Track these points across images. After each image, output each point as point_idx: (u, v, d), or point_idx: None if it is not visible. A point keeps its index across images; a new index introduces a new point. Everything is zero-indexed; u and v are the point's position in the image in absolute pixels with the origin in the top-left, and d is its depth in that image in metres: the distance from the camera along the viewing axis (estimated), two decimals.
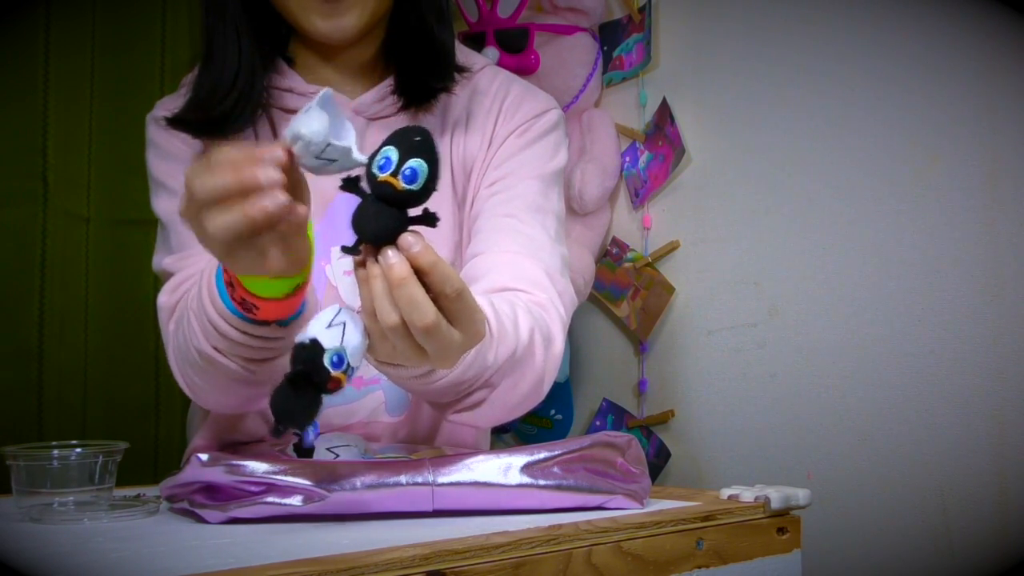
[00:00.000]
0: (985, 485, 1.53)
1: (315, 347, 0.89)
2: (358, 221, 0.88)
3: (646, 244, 1.88)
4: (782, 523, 1.13)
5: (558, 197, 1.38)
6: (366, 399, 1.33)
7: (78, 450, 1.12)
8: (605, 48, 1.92)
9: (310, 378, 0.89)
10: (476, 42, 1.89)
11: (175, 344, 1.21)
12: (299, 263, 0.99)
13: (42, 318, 1.86)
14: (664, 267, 1.86)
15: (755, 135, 1.77)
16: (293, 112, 0.98)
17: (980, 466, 1.54)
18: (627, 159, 1.90)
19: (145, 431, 1.92)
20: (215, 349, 1.12)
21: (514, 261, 1.28)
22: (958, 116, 1.57)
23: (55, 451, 1.11)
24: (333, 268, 1.31)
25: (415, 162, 0.86)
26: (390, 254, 0.89)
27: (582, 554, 0.96)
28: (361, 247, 0.89)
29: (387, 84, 1.35)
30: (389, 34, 1.37)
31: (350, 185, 0.88)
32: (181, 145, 1.33)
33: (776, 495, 1.12)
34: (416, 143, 0.87)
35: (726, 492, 1.15)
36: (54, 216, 1.86)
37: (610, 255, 1.91)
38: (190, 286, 1.18)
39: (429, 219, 0.88)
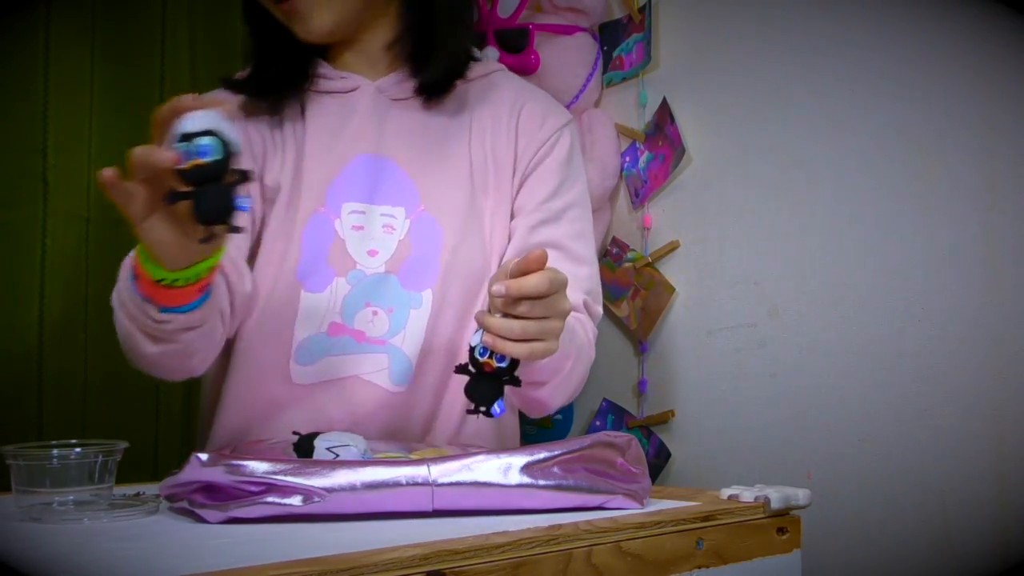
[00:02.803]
0: (985, 485, 1.53)
1: (471, 349, 1.17)
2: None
3: (646, 244, 1.88)
4: (782, 523, 1.13)
5: (586, 193, 1.52)
6: (367, 356, 1.38)
7: (78, 450, 1.12)
8: (605, 48, 1.92)
9: (476, 368, 1.16)
10: (476, 42, 1.89)
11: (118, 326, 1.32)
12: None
13: (42, 318, 1.86)
14: (664, 267, 1.86)
15: (755, 135, 1.77)
16: (326, 93, 1.41)
17: (980, 466, 1.54)
18: (627, 159, 1.90)
19: (145, 431, 1.92)
20: (137, 327, 1.25)
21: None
22: (958, 116, 1.57)
23: (55, 451, 1.11)
24: (342, 223, 1.40)
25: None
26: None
27: (582, 554, 0.96)
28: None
29: (406, 71, 1.45)
30: (402, 23, 1.45)
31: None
32: None
33: (776, 495, 1.12)
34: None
35: (726, 492, 1.15)
36: (54, 216, 1.86)
37: (610, 255, 1.91)
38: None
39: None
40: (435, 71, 1.43)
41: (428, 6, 1.43)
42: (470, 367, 1.16)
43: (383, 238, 1.41)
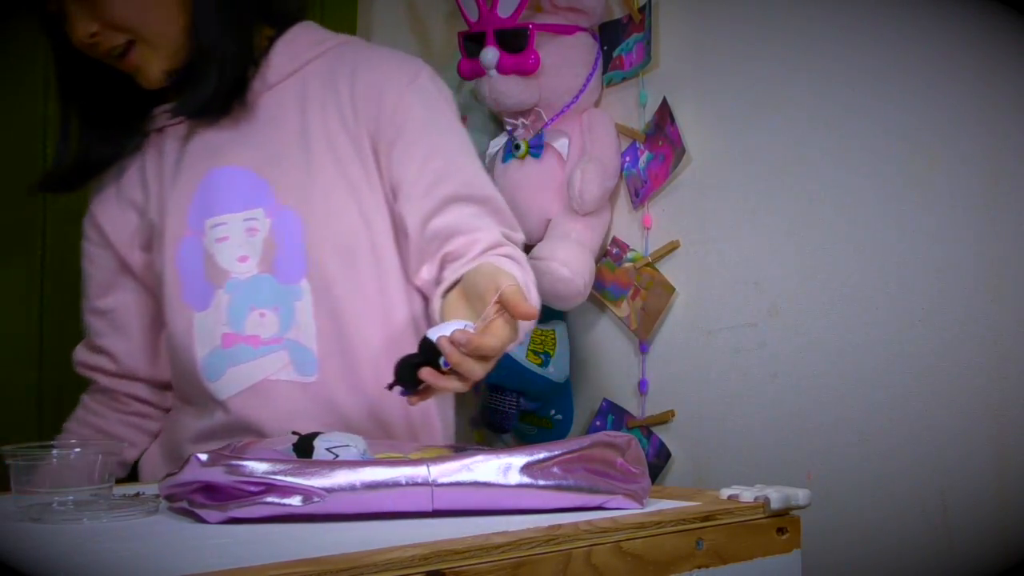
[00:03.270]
0: (985, 485, 1.53)
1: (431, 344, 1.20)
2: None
3: (646, 244, 1.88)
4: (782, 523, 1.13)
5: (461, 137, 1.52)
6: (267, 358, 1.42)
7: (77, 450, 1.12)
8: (605, 48, 1.92)
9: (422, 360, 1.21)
10: (476, 42, 1.89)
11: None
12: None
13: (42, 318, 1.86)
14: (664, 267, 1.86)
15: (755, 135, 1.77)
16: (167, 128, 1.48)
17: (980, 466, 1.54)
18: (627, 159, 1.90)
19: None
20: None
21: (474, 232, 1.42)
22: (958, 116, 1.57)
23: (55, 450, 1.11)
24: (208, 238, 1.44)
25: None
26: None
27: (582, 554, 0.96)
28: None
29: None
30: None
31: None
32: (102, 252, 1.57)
33: (776, 495, 1.12)
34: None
35: (726, 492, 1.15)
36: (54, 216, 1.86)
37: (610, 255, 1.91)
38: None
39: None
40: (198, 97, 1.44)
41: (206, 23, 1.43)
42: (417, 357, 1.21)
43: (249, 242, 1.44)
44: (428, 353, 1.19)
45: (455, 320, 1.22)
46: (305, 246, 1.44)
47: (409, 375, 1.20)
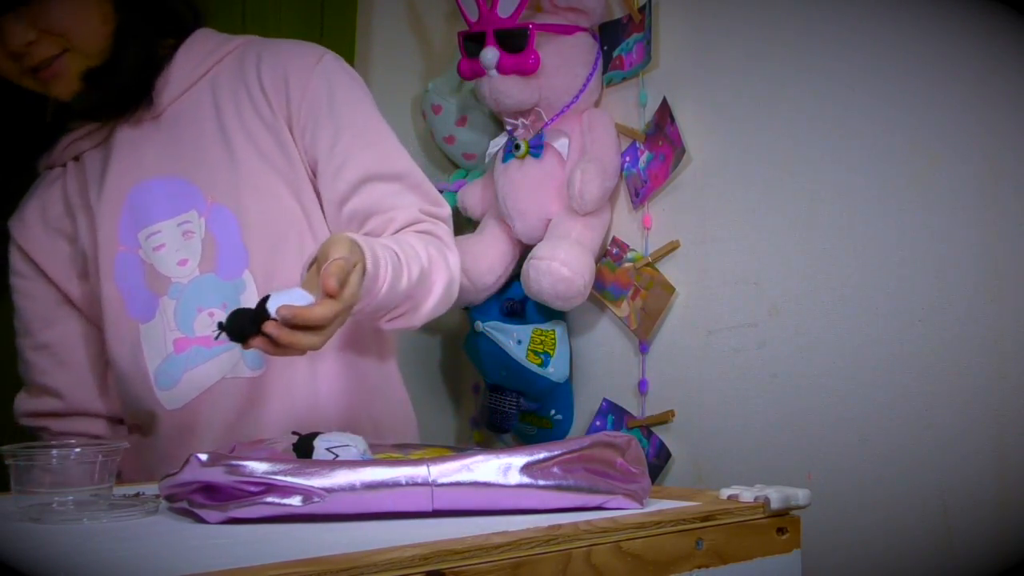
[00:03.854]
0: (985, 485, 1.54)
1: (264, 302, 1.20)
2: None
3: (646, 244, 1.88)
4: (782, 523, 1.13)
5: (371, 114, 1.49)
6: (222, 357, 1.42)
7: (77, 450, 1.12)
8: (605, 48, 1.92)
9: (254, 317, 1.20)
10: (476, 42, 1.89)
11: None
12: None
13: None
14: (664, 267, 1.86)
15: (755, 135, 1.77)
16: (84, 152, 1.49)
17: (980, 466, 1.54)
18: (627, 159, 1.90)
19: None
20: None
21: (389, 211, 1.43)
22: (958, 116, 1.57)
23: (55, 451, 1.11)
24: (144, 249, 1.45)
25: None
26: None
27: (582, 554, 0.96)
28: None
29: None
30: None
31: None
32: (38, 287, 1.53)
33: (776, 495, 1.12)
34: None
35: (726, 492, 1.15)
36: None
37: (610, 255, 1.91)
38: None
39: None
40: (110, 94, 1.45)
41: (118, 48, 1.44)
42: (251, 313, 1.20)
43: (187, 245, 1.44)
44: (263, 313, 1.19)
45: (296, 288, 1.22)
46: (242, 239, 1.43)
47: (239, 328, 1.19)
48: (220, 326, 1.19)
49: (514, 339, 1.96)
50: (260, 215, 1.44)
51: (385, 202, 1.43)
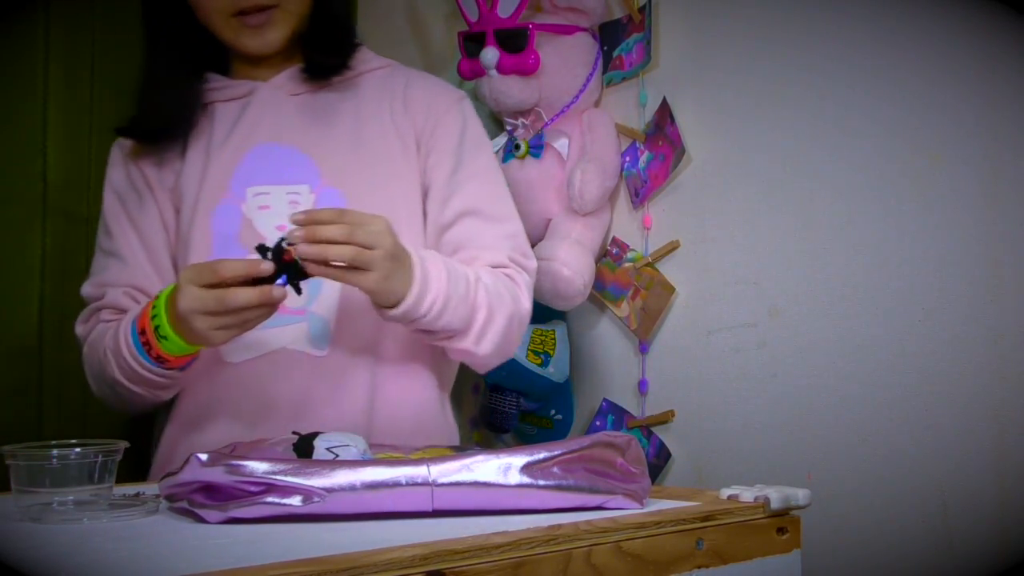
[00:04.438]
0: (985, 485, 1.53)
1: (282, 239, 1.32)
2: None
3: (646, 244, 1.88)
4: (782, 523, 1.13)
5: (491, 160, 1.61)
6: (288, 327, 1.46)
7: (77, 450, 1.12)
8: (605, 48, 1.92)
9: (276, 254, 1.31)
10: (476, 42, 1.89)
11: (89, 366, 1.53)
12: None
13: (42, 318, 1.86)
14: (664, 267, 1.86)
15: (755, 135, 1.77)
16: (226, 101, 1.55)
17: (980, 466, 1.54)
18: (627, 159, 1.90)
19: (145, 431, 1.92)
20: (127, 379, 1.44)
21: (480, 250, 1.52)
22: (958, 116, 1.57)
23: (55, 450, 1.11)
24: (248, 205, 1.50)
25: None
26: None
27: (582, 554, 0.96)
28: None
29: (297, 67, 1.56)
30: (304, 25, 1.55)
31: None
32: (134, 186, 1.57)
33: (776, 495, 1.12)
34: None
35: (726, 492, 1.15)
36: (54, 216, 1.86)
37: (610, 255, 1.91)
38: (104, 329, 1.50)
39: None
40: (328, 59, 1.55)
41: (330, 8, 1.56)
42: (272, 250, 1.31)
43: (290, 212, 1.45)
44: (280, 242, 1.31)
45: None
46: None
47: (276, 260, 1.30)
48: (261, 250, 1.30)
49: None
50: (367, 206, 1.46)
51: (478, 239, 1.51)
